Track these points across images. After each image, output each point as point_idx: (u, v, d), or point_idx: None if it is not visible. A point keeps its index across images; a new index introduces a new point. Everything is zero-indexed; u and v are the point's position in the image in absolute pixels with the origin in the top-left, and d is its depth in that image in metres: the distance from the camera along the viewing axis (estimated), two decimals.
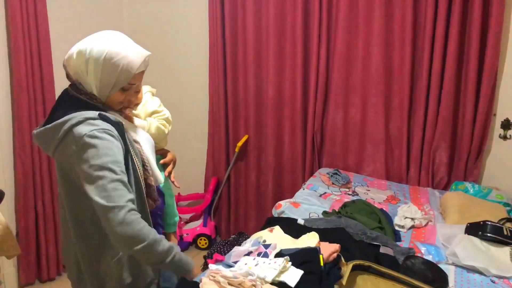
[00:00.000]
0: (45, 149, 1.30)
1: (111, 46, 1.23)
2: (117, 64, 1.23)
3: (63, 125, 1.20)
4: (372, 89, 2.73)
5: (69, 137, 1.19)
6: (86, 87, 1.27)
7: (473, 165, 2.57)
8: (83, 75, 1.25)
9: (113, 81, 1.25)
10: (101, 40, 1.24)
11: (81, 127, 1.19)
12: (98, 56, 1.22)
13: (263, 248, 1.41)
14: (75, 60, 1.25)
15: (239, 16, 2.97)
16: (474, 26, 2.39)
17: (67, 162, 1.23)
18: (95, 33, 1.29)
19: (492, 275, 1.65)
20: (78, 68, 1.25)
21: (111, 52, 1.22)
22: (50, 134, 1.23)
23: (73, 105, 1.24)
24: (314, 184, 2.58)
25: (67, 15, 2.89)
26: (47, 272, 2.77)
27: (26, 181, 2.59)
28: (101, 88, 1.26)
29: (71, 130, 1.19)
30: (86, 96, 1.26)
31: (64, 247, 1.40)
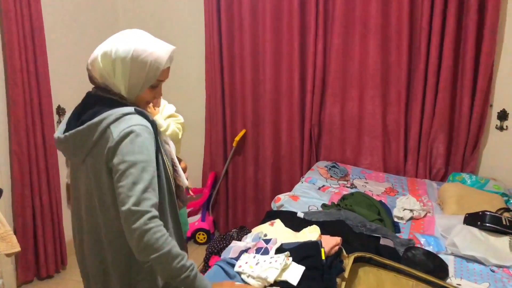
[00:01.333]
0: (73, 155, 1.23)
1: (137, 43, 1.20)
2: (144, 61, 1.19)
3: (99, 125, 1.16)
4: (369, 82, 2.73)
5: (106, 135, 1.15)
6: (114, 89, 1.23)
7: (470, 156, 2.58)
8: (110, 77, 1.22)
9: (142, 79, 1.22)
10: (125, 39, 1.21)
11: (119, 124, 1.16)
12: (124, 55, 1.18)
13: (263, 244, 1.41)
14: (101, 63, 1.21)
15: (235, 10, 2.95)
16: (471, 18, 2.40)
17: (101, 164, 1.17)
18: (117, 33, 1.25)
19: (491, 265, 1.67)
20: (104, 70, 1.21)
21: (137, 50, 1.19)
22: (84, 136, 1.18)
23: (105, 104, 1.20)
24: (313, 177, 2.59)
25: (61, 10, 2.86)
26: (46, 269, 2.76)
27: (22, 178, 2.57)
28: (130, 88, 1.22)
29: (109, 127, 1.16)
30: (116, 96, 1.23)
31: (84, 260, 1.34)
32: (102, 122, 1.16)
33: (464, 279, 1.57)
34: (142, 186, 1.11)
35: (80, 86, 3.00)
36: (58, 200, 2.80)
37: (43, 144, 2.65)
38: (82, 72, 3.41)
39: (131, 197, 1.10)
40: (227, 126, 3.19)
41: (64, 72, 2.91)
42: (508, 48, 2.46)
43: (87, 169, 1.21)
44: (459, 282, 1.56)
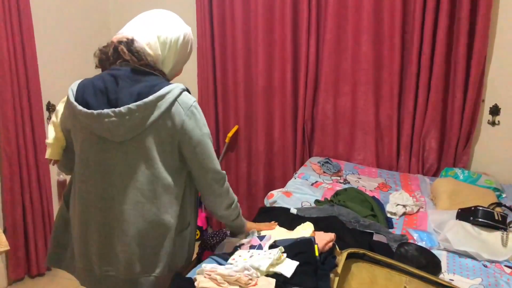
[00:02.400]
0: (129, 131, 1.22)
1: (184, 27, 1.37)
2: (189, 42, 1.38)
3: (165, 96, 1.23)
4: (362, 78, 2.72)
5: (175, 107, 1.24)
6: (160, 66, 1.32)
7: (462, 151, 2.59)
8: (161, 57, 1.31)
9: (186, 57, 1.40)
10: (172, 24, 1.34)
11: (185, 97, 1.27)
12: (177, 38, 1.32)
13: (257, 240, 1.41)
14: (154, 47, 1.29)
15: (227, 6, 2.93)
16: (463, 13, 2.39)
17: (167, 134, 1.25)
18: (158, 16, 1.35)
19: (484, 260, 1.67)
20: (160, 52, 1.30)
21: (186, 33, 1.36)
22: (149, 108, 1.21)
23: (155, 79, 1.27)
24: (306, 173, 2.58)
25: (50, 5, 2.82)
26: (37, 267, 2.73)
27: (12, 176, 2.54)
28: (177, 64, 1.37)
29: (176, 100, 1.25)
30: (159, 72, 1.31)
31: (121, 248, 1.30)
32: (168, 94, 1.23)
33: (457, 274, 1.58)
34: (214, 156, 1.34)
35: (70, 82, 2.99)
36: (49, 197, 2.77)
37: (32, 141, 2.62)
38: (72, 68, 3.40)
39: (216, 164, 1.34)
40: (219, 122, 3.17)
41: (54, 68, 2.87)
42: (500, 43, 2.47)
43: (142, 143, 1.24)
44: (452, 277, 1.56)
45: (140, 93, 1.21)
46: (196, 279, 1.20)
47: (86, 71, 3.13)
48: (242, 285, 1.16)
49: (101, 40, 3.70)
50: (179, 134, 1.26)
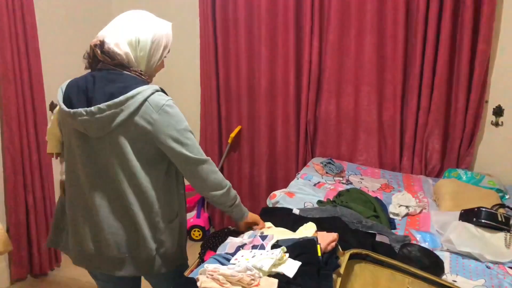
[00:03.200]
0: (99, 128, 1.31)
1: (155, 27, 1.42)
2: (162, 40, 1.43)
3: (135, 97, 1.29)
4: (365, 78, 2.72)
5: (145, 107, 1.30)
6: (135, 66, 1.39)
7: (465, 152, 2.58)
8: (135, 57, 1.38)
9: (159, 55, 1.43)
10: (143, 25, 1.40)
11: (155, 98, 1.33)
12: (148, 38, 1.38)
13: (259, 240, 1.40)
14: (126, 47, 1.36)
15: (230, 7, 2.93)
16: (467, 13, 2.39)
17: (138, 132, 1.32)
18: (127, 16, 1.42)
19: (487, 261, 1.66)
20: (131, 52, 1.37)
21: (157, 33, 1.41)
22: (118, 108, 1.28)
23: (130, 80, 1.34)
24: (308, 173, 2.58)
25: (54, 5, 2.82)
26: (39, 267, 2.73)
27: (15, 176, 2.54)
28: (150, 63, 1.42)
29: (146, 100, 1.31)
30: (136, 73, 1.38)
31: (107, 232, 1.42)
32: (138, 95, 1.30)
33: (460, 276, 1.57)
34: (197, 144, 1.40)
35: None
36: (52, 196, 2.78)
37: (35, 141, 2.62)
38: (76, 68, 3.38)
39: (196, 155, 1.38)
40: (222, 123, 3.17)
41: (57, 68, 2.88)
42: (504, 44, 2.46)
43: (116, 139, 1.33)
44: (455, 278, 1.55)
45: (112, 93, 1.30)
46: (198, 279, 1.20)
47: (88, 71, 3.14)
48: (245, 285, 1.16)
49: None
50: (152, 132, 1.33)
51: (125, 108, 1.29)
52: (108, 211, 1.40)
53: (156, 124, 1.32)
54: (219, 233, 1.58)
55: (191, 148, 1.37)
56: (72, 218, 1.47)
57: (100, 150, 1.36)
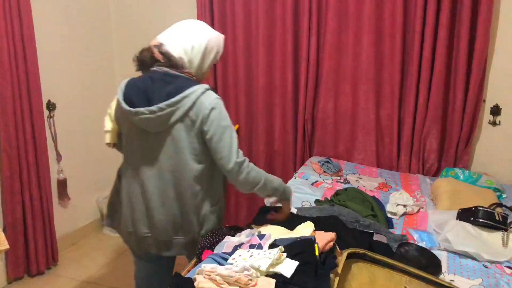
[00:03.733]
0: (159, 124, 1.51)
1: (209, 34, 1.60)
2: (214, 47, 1.61)
3: (189, 96, 1.48)
4: (362, 77, 2.71)
5: (198, 104, 1.49)
6: (188, 68, 1.58)
7: (463, 151, 2.59)
8: (189, 62, 1.57)
9: (211, 61, 1.63)
10: (200, 33, 1.59)
11: (207, 95, 1.52)
12: (201, 46, 1.57)
13: (257, 239, 1.40)
14: (182, 52, 1.55)
15: (227, 4, 2.92)
16: (464, 12, 2.39)
17: (191, 126, 1.51)
18: (187, 25, 1.61)
19: (484, 260, 1.66)
20: (187, 57, 1.56)
21: (211, 40, 1.60)
22: (175, 106, 1.48)
23: (185, 81, 1.53)
24: (306, 172, 2.58)
25: (51, 3, 2.81)
26: (36, 266, 2.73)
27: (12, 175, 2.53)
28: (204, 68, 1.62)
29: (199, 98, 1.49)
30: (189, 74, 1.58)
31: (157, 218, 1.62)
32: (192, 94, 1.49)
33: (457, 275, 1.57)
34: (236, 144, 1.53)
35: (71, 80, 3.01)
36: (49, 196, 2.77)
37: (32, 140, 2.62)
38: (73, 67, 3.39)
39: (233, 153, 1.51)
40: None
41: (55, 67, 2.87)
42: (502, 43, 2.46)
43: (172, 134, 1.53)
44: (452, 277, 1.55)
45: (170, 93, 1.48)
46: (195, 279, 1.20)
47: (86, 69, 3.14)
48: (242, 286, 1.16)
49: (101, 39, 3.72)
50: (202, 126, 1.51)
51: (181, 106, 1.48)
52: (160, 198, 1.60)
53: (204, 119, 1.50)
54: (216, 232, 1.58)
55: (228, 146, 1.51)
56: (128, 204, 1.67)
57: (157, 143, 1.55)
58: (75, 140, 3.10)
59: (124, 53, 3.35)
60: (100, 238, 3.27)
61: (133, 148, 1.62)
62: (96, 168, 3.28)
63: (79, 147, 3.14)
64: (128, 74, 1.66)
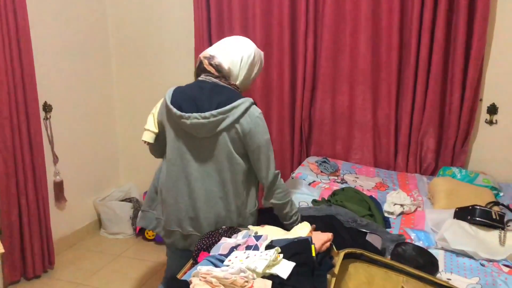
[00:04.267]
0: (208, 130, 1.63)
1: (254, 50, 1.75)
2: (258, 61, 1.78)
3: (238, 107, 1.61)
4: (359, 77, 2.71)
5: (245, 115, 1.62)
6: (233, 80, 1.71)
7: (460, 150, 2.59)
8: (236, 73, 1.71)
9: (255, 73, 1.78)
10: (246, 46, 1.75)
11: (253, 109, 1.64)
12: (248, 60, 1.72)
13: (253, 241, 1.39)
14: (229, 63, 1.69)
15: (224, 6, 2.91)
16: (461, 12, 2.39)
17: (237, 135, 1.63)
18: (235, 40, 1.79)
19: (481, 259, 1.66)
20: (232, 69, 1.70)
21: (255, 55, 1.76)
22: (225, 115, 1.60)
23: (230, 92, 1.65)
24: (303, 173, 2.57)
25: (46, 4, 2.80)
26: (33, 269, 2.71)
27: (8, 178, 2.52)
28: (248, 79, 1.76)
29: (248, 110, 1.62)
30: (234, 87, 1.70)
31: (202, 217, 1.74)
32: (241, 105, 1.61)
33: (454, 274, 1.57)
34: (273, 157, 1.70)
35: (67, 82, 3.00)
36: (45, 198, 2.76)
37: (29, 142, 2.60)
38: (69, 68, 3.37)
39: (272, 165, 1.69)
40: None
41: (51, 68, 2.86)
42: (498, 42, 2.46)
43: (219, 140, 1.64)
44: (449, 276, 1.55)
45: (219, 103, 1.61)
46: (191, 281, 1.19)
47: (82, 70, 3.12)
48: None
49: (98, 39, 3.71)
50: (245, 137, 1.64)
51: (230, 115, 1.60)
52: (206, 198, 1.71)
53: (250, 130, 1.63)
54: (213, 233, 1.57)
55: (268, 159, 1.67)
56: (174, 203, 1.77)
57: (205, 148, 1.67)
58: (71, 141, 3.09)
59: (120, 54, 3.34)
60: (97, 241, 3.26)
61: (180, 151, 1.72)
62: (93, 170, 3.27)
63: (75, 149, 3.13)
64: (124, 75, 1.67)
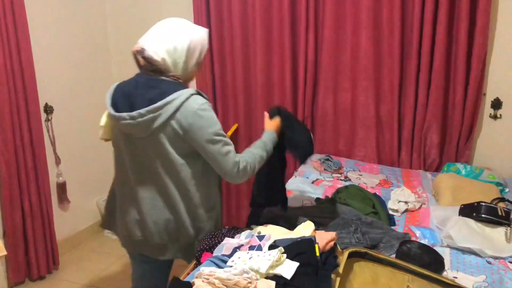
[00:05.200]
0: (142, 130, 1.47)
1: (191, 34, 1.52)
2: (198, 46, 1.54)
3: (172, 102, 1.43)
4: (361, 73, 2.69)
5: (181, 111, 1.43)
6: (173, 71, 1.51)
7: (464, 146, 2.56)
8: (172, 63, 1.49)
9: (194, 61, 1.54)
10: (181, 33, 1.51)
11: (191, 101, 1.45)
12: (185, 45, 1.49)
13: (256, 241, 1.38)
14: (165, 54, 1.48)
15: (224, 3, 2.90)
16: (463, 6, 2.36)
17: (176, 133, 1.46)
18: (167, 24, 1.53)
19: (487, 256, 1.64)
20: (169, 58, 1.48)
21: (193, 39, 1.52)
22: (156, 113, 1.43)
23: (168, 86, 1.47)
24: (306, 171, 2.56)
25: (45, 5, 2.79)
26: (37, 270, 2.72)
27: (11, 180, 2.52)
28: (187, 69, 1.53)
29: (184, 103, 1.43)
30: (173, 77, 1.51)
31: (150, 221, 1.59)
32: (175, 100, 1.43)
33: (461, 272, 1.55)
34: (223, 154, 1.48)
35: (67, 83, 2.98)
36: (48, 199, 2.76)
37: (30, 144, 2.60)
38: (69, 69, 3.37)
39: (228, 161, 1.48)
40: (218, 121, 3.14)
41: (51, 69, 2.85)
42: (501, 37, 2.44)
43: (156, 140, 1.48)
44: (456, 274, 1.53)
45: (152, 99, 1.44)
46: (194, 283, 1.18)
47: (83, 71, 3.12)
48: None
49: (98, 40, 3.70)
50: (186, 134, 1.46)
51: (163, 112, 1.43)
52: (151, 202, 1.57)
53: (190, 127, 1.44)
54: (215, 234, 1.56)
55: (218, 151, 1.47)
56: (121, 208, 1.66)
57: (143, 149, 1.52)
58: (73, 142, 3.08)
59: (120, 54, 3.33)
60: (101, 241, 3.26)
61: (121, 152, 1.60)
62: (95, 170, 3.26)
63: (77, 150, 3.12)
64: (125, 75, 1.65)
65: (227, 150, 1.49)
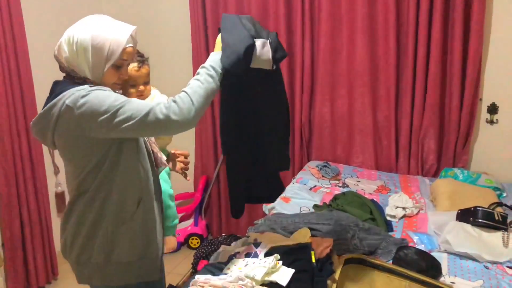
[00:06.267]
0: (43, 138, 1.33)
1: (94, 29, 1.29)
2: (102, 44, 1.28)
3: (56, 104, 1.24)
4: (358, 80, 2.70)
5: (66, 110, 1.23)
6: (79, 72, 1.31)
7: (461, 151, 2.57)
8: (74, 61, 1.31)
9: (103, 60, 1.29)
10: (84, 26, 1.31)
11: (71, 97, 1.23)
12: (84, 41, 1.28)
13: (253, 248, 1.38)
14: (66, 48, 1.31)
15: (220, 11, 2.92)
16: (457, 12, 2.38)
17: (72, 135, 1.27)
18: (80, 20, 1.35)
19: (485, 261, 1.65)
20: (68, 55, 1.31)
21: (95, 35, 1.28)
22: (46, 118, 1.27)
23: (61, 89, 1.29)
24: (304, 177, 2.56)
25: (43, 14, 2.81)
26: (36, 280, 2.70)
27: (9, 189, 2.52)
28: (93, 69, 1.30)
29: (65, 104, 1.23)
30: (81, 80, 1.31)
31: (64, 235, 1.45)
32: (59, 101, 1.24)
33: (458, 277, 1.55)
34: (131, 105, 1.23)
35: None
36: (47, 209, 2.75)
37: (29, 153, 2.60)
38: None
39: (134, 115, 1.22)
40: (216, 127, 3.15)
41: (49, 78, 2.85)
42: (496, 41, 2.45)
43: (58, 145, 1.32)
44: (453, 280, 1.53)
45: (45, 104, 1.30)
46: None
47: None
48: None
49: None
50: (82, 129, 1.25)
51: (51, 116, 1.25)
52: (68, 215, 1.41)
53: (80, 121, 1.23)
54: (212, 242, 1.56)
55: (123, 118, 1.22)
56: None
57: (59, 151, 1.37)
58: None
59: None
60: None
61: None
62: None
63: None
64: None
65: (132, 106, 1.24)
